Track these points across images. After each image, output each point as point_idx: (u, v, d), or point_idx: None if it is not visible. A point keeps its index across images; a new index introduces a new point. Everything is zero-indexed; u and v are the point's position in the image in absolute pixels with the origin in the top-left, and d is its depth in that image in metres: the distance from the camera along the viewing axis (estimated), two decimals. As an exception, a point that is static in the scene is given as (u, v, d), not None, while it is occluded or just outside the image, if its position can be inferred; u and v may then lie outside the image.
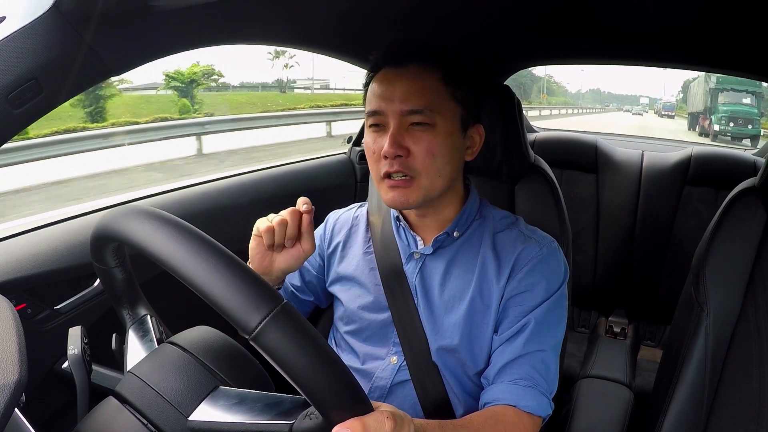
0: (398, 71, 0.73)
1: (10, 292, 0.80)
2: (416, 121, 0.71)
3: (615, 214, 1.85)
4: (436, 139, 0.72)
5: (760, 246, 0.84)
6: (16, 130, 0.60)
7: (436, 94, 0.72)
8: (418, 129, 0.71)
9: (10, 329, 0.44)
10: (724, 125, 13.89)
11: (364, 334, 0.84)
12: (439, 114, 0.72)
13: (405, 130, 0.72)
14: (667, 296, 1.77)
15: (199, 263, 0.40)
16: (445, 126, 0.73)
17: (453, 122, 0.74)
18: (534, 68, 31.05)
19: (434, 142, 0.71)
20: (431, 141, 0.71)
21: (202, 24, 0.79)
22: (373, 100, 0.74)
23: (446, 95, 0.73)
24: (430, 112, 0.71)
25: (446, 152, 0.73)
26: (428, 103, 0.71)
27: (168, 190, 1.16)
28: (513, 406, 0.70)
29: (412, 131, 0.72)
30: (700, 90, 16.91)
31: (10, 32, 0.56)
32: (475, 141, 0.80)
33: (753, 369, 0.79)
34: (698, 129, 16.97)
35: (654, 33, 1.06)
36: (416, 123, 0.71)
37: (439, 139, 0.72)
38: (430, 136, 0.71)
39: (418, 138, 0.71)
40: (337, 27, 1.09)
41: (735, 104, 14.06)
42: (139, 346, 0.59)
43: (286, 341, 0.39)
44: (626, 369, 1.54)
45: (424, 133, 0.71)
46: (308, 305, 0.97)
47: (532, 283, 0.76)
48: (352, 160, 1.57)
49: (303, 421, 0.45)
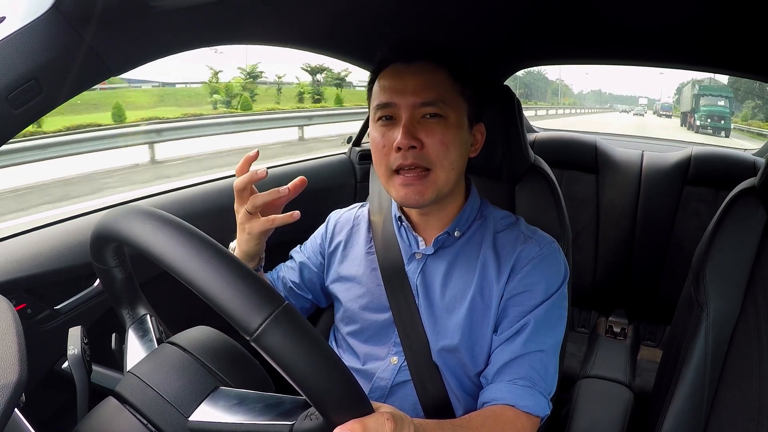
0: (408, 67, 0.73)
1: (10, 292, 0.80)
2: (429, 113, 0.72)
3: (615, 214, 1.85)
4: (449, 131, 0.72)
5: (760, 246, 0.84)
6: (16, 130, 0.60)
7: (447, 88, 0.73)
8: (432, 121, 0.72)
9: (10, 329, 0.44)
10: (704, 121, 19.18)
11: (364, 335, 0.84)
12: (450, 107, 0.73)
13: (417, 122, 0.72)
14: (667, 296, 1.77)
15: (199, 264, 0.40)
16: (456, 118, 0.73)
17: (462, 116, 0.75)
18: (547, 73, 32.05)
19: (448, 134, 0.72)
20: (445, 132, 0.72)
21: (202, 24, 0.79)
22: (383, 94, 0.74)
23: (455, 91, 0.74)
24: (442, 104, 0.72)
25: (458, 144, 0.73)
26: (440, 97, 0.72)
27: (168, 190, 1.16)
28: (511, 405, 0.70)
29: (424, 123, 0.72)
30: (688, 94, 22.53)
31: (10, 32, 0.56)
32: (478, 139, 0.81)
33: (753, 369, 0.79)
34: (686, 125, 22.14)
35: (654, 33, 1.06)
36: (429, 115, 0.72)
37: (453, 131, 0.72)
38: (443, 127, 0.72)
39: (431, 130, 0.71)
40: (336, 27, 1.09)
41: (712, 105, 19.37)
42: (139, 346, 0.59)
43: (287, 342, 0.39)
44: (626, 369, 1.54)
45: (437, 125, 0.72)
46: (306, 302, 0.97)
47: (532, 283, 0.76)
48: (352, 160, 1.57)
49: (303, 422, 0.45)
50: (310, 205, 1.41)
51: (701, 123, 19.21)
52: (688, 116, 21.91)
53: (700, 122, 19.37)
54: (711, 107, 19.33)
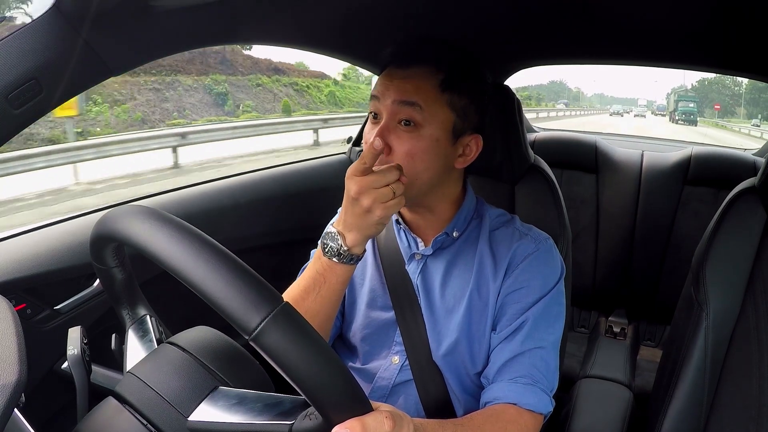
0: (400, 70, 0.73)
1: (10, 292, 0.80)
2: (405, 119, 0.71)
3: (615, 214, 1.85)
4: (419, 143, 0.71)
5: (760, 246, 0.84)
6: (16, 130, 0.60)
7: (429, 97, 0.71)
8: (404, 129, 0.71)
9: (9, 329, 0.44)
10: (681, 116, 31.39)
11: (365, 334, 0.84)
12: (429, 116, 0.71)
13: (393, 127, 0.72)
14: (667, 296, 1.77)
15: (198, 263, 0.40)
16: (432, 131, 0.72)
17: (441, 129, 0.73)
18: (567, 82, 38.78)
19: (417, 146, 0.71)
20: (414, 144, 0.71)
21: (202, 24, 0.79)
22: (374, 89, 0.75)
23: (440, 101, 0.72)
24: (420, 108, 0.71)
25: (428, 157, 0.72)
26: (420, 102, 0.71)
27: (168, 190, 1.16)
28: (513, 404, 0.70)
29: (398, 131, 0.71)
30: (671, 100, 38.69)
31: (10, 32, 0.56)
32: (470, 150, 0.78)
33: (753, 369, 0.79)
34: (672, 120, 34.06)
35: (655, 33, 1.06)
36: (405, 122, 0.71)
37: (423, 144, 0.71)
38: (414, 138, 0.71)
39: (401, 138, 0.71)
40: (336, 27, 1.09)
41: (685, 107, 31.90)
42: (139, 346, 0.59)
43: (286, 342, 0.39)
44: (626, 369, 1.54)
45: (408, 135, 0.71)
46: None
47: (528, 280, 0.76)
48: (352, 160, 1.57)
49: (303, 422, 0.45)
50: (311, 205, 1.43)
51: (678, 117, 31.69)
52: (672, 114, 34.69)
53: (678, 117, 31.84)
54: (684, 108, 31.79)
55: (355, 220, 0.67)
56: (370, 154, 0.66)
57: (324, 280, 0.70)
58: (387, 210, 0.66)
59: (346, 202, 0.67)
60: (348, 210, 0.67)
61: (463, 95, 0.74)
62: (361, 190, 0.65)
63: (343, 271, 0.70)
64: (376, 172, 0.66)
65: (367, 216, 0.66)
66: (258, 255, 1.25)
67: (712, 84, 53.98)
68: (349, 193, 0.66)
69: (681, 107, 31.69)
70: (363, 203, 0.65)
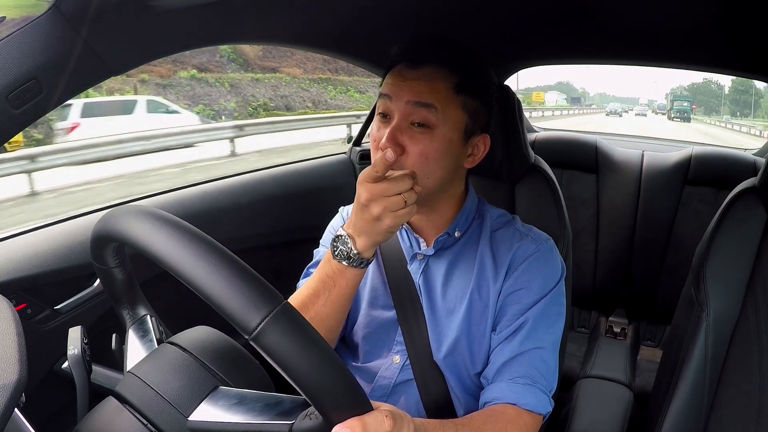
0: (412, 70, 0.72)
1: (10, 292, 0.80)
2: (418, 121, 0.71)
3: (615, 214, 1.85)
4: (433, 144, 0.71)
5: (760, 246, 0.84)
6: (16, 130, 0.60)
7: (445, 97, 0.71)
8: (418, 131, 0.71)
9: (10, 329, 0.44)
10: (676, 114, 34.38)
11: (366, 333, 0.84)
12: (442, 117, 0.71)
13: (406, 128, 0.71)
14: (667, 296, 1.77)
15: (198, 263, 0.40)
16: (445, 132, 0.72)
17: (455, 129, 0.73)
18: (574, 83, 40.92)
19: (431, 147, 0.71)
20: (428, 145, 0.71)
21: (202, 23, 0.79)
22: (384, 87, 0.74)
23: (454, 102, 0.72)
24: (435, 111, 0.70)
25: (441, 157, 0.72)
26: (434, 103, 0.70)
27: (168, 190, 1.16)
28: (513, 404, 0.70)
29: (411, 131, 0.71)
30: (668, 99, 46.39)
31: (10, 32, 0.56)
32: (479, 150, 0.78)
33: (753, 369, 0.79)
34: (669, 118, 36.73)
35: (656, 33, 1.06)
36: (418, 124, 0.71)
37: (436, 144, 0.71)
38: (428, 139, 0.71)
39: (416, 139, 0.71)
40: (335, 26, 1.08)
41: (679, 106, 35.15)
42: (139, 346, 0.59)
43: (286, 341, 0.39)
44: (626, 369, 1.54)
45: (422, 136, 0.71)
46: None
47: (528, 280, 0.76)
48: (352, 160, 1.57)
49: (303, 421, 0.45)
50: (310, 205, 1.43)
51: (674, 115, 35.10)
52: (669, 112, 38.39)
53: (674, 115, 35.26)
54: (679, 107, 35.35)
55: (365, 225, 0.66)
56: (382, 163, 0.64)
57: (334, 284, 0.69)
58: (397, 219, 0.64)
59: (356, 206, 0.66)
60: (357, 215, 0.66)
61: (475, 97, 0.74)
62: (371, 198, 0.64)
63: (353, 274, 0.69)
64: (389, 180, 0.65)
65: (377, 224, 0.65)
66: (258, 255, 1.26)
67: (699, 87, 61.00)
68: (359, 199, 0.65)
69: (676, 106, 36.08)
70: (373, 211, 0.64)
